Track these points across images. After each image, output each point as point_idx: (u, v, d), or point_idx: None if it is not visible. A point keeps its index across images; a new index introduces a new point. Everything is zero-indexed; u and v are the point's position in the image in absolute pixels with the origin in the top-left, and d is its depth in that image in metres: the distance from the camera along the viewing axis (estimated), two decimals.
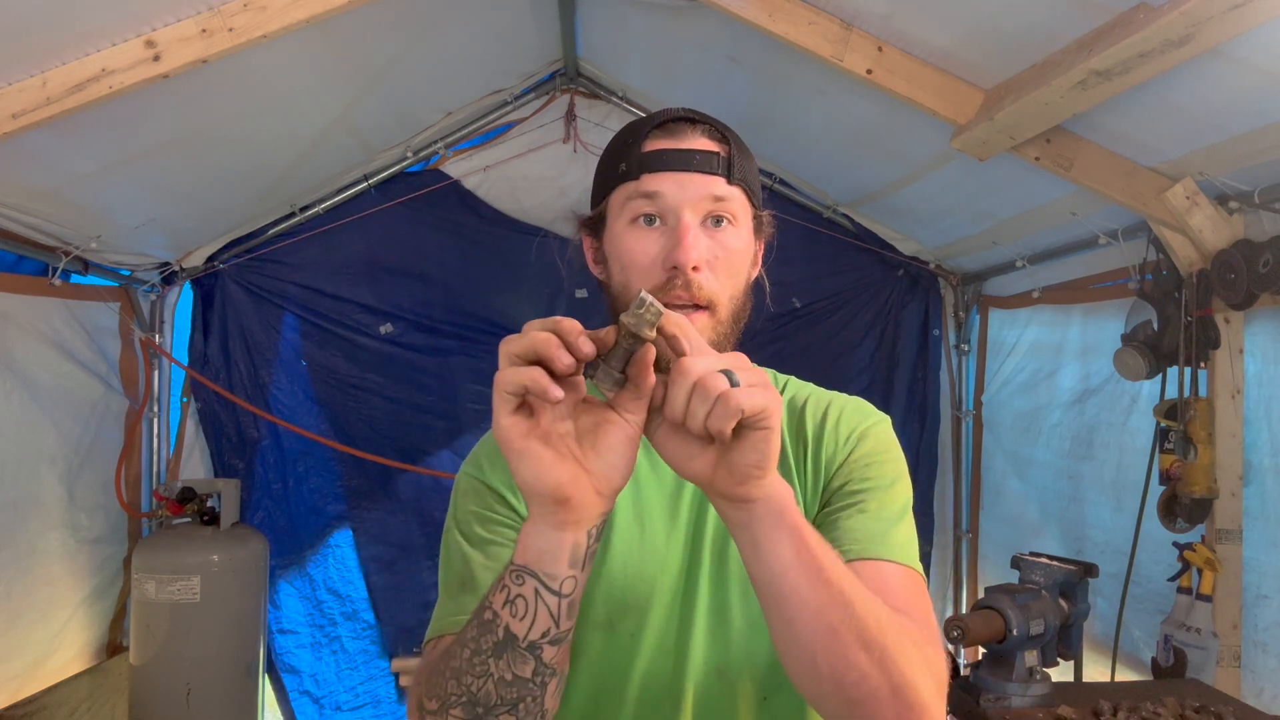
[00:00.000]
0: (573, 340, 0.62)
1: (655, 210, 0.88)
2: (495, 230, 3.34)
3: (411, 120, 3.13)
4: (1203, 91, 1.79)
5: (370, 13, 2.04)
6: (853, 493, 0.90)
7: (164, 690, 2.74)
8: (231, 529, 2.90)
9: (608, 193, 0.93)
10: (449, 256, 3.35)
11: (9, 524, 2.42)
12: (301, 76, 2.38)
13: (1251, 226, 2.11)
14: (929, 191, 2.89)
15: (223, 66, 1.96)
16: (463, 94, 3.12)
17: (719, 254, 0.88)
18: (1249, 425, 2.19)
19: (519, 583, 0.70)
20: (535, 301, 3.32)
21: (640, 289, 0.79)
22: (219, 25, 1.88)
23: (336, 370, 3.31)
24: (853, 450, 0.93)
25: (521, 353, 0.62)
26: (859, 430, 0.95)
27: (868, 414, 0.98)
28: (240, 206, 3.06)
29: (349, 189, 3.24)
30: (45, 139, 1.97)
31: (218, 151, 2.55)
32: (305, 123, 2.70)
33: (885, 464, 0.93)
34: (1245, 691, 2.12)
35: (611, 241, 0.92)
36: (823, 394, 1.02)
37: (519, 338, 0.63)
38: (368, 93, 2.70)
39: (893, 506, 0.90)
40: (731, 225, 0.89)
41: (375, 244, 3.29)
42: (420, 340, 3.34)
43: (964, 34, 2.00)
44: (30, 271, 2.55)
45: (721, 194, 0.88)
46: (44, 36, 1.78)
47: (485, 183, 3.34)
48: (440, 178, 3.31)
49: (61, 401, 2.66)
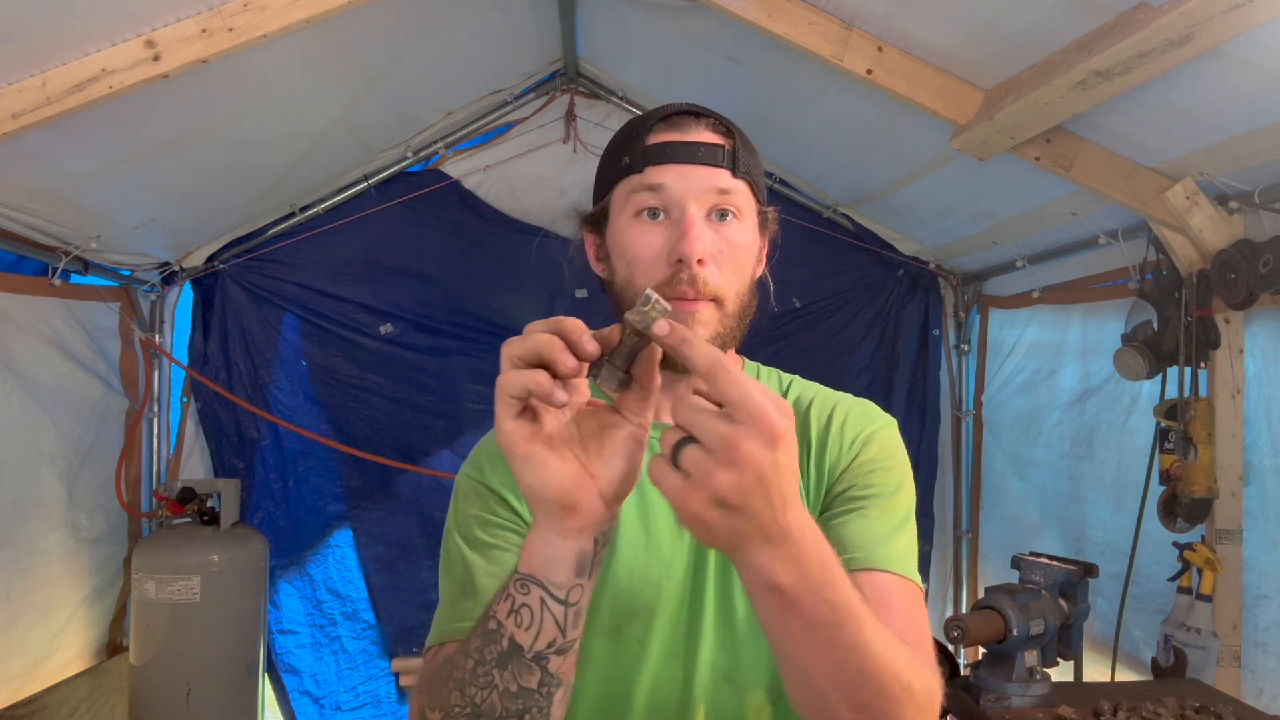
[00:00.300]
0: (576, 340, 0.60)
1: (659, 203, 0.86)
2: (495, 230, 3.34)
3: (411, 120, 3.13)
4: (1203, 91, 1.79)
5: (370, 13, 2.04)
6: (855, 498, 0.89)
7: (164, 690, 2.74)
8: (231, 529, 2.90)
9: (610, 187, 0.91)
10: (449, 256, 3.35)
11: (9, 524, 2.42)
12: (301, 76, 2.38)
13: (1251, 226, 2.10)
14: (929, 191, 2.89)
15: (223, 66, 1.96)
16: (463, 94, 3.12)
17: (724, 248, 0.86)
18: (1249, 425, 2.19)
19: (524, 591, 0.68)
20: (535, 301, 3.32)
21: (645, 285, 0.78)
22: (219, 25, 1.88)
23: (336, 370, 3.31)
24: (857, 455, 0.92)
25: (524, 355, 0.61)
26: (864, 434, 0.93)
27: (874, 417, 0.96)
28: (240, 206, 3.06)
29: (349, 189, 3.24)
30: (45, 139, 1.97)
31: (218, 151, 2.55)
32: (305, 123, 2.70)
33: (889, 470, 0.92)
34: (1245, 692, 2.12)
35: (614, 237, 0.90)
36: (829, 395, 0.99)
37: (521, 340, 0.61)
38: (368, 93, 2.70)
39: (895, 514, 0.88)
40: (736, 219, 0.88)
41: (375, 244, 3.29)
42: (420, 340, 3.34)
43: (964, 34, 2.00)
44: (30, 271, 2.55)
45: (726, 187, 0.86)
46: (44, 36, 1.77)
47: (485, 183, 3.34)
48: (440, 178, 3.31)
49: (61, 401, 2.66)
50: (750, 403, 0.55)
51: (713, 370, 0.56)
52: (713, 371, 0.56)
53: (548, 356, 0.60)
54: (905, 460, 0.95)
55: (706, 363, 0.57)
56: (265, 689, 3.11)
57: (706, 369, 0.56)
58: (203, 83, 2.03)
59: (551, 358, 0.60)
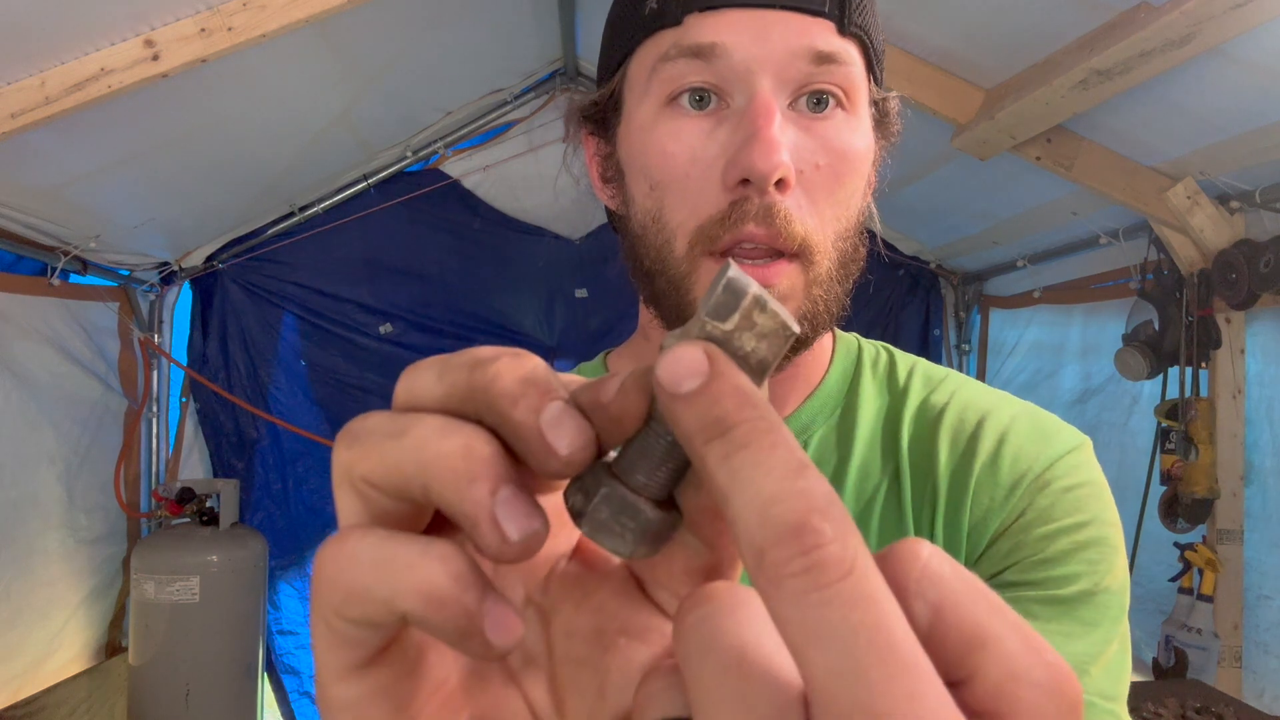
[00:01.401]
0: (530, 430, 0.21)
1: (710, 79, 0.51)
2: (495, 230, 3.33)
3: (411, 120, 3.13)
4: (1204, 91, 1.79)
5: (370, 12, 2.04)
6: (1024, 584, 0.52)
7: (163, 691, 2.74)
8: (231, 529, 2.89)
9: (626, 55, 0.56)
10: (449, 256, 3.34)
11: (9, 524, 2.41)
12: (301, 76, 2.38)
13: (1252, 226, 2.10)
14: (929, 191, 2.89)
15: (222, 66, 1.96)
16: (462, 94, 3.12)
17: (821, 159, 0.52)
18: (1250, 425, 2.19)
19: None
20: (535, 301, 3.32)
21: (682, 224, 0.46)
22: (218, 24, 1.88)
23: (336, 370, 3.31)
24: (1026, 508, 0.54)
25: (387, 476, 0.23)
26: (1035, 471, 0.55)
27: (1050, 437, 0.57)
28: (239, 206, 3.06)
29: (348, 189, 3.24)
30: (44, 139, 1.97)
31: (217, 151, 2.55)
32: (304, 122, 2.69)
33: (1085, 533, 0.54)
34: (1246, 692, 2.11)
35: (632, 139, 0.55)
36: (978, 397, 0.61)
37: (378, 427, 0.23)
38: (367, 92, 2.69)
39: (1097, 612, 0.52)
40: (843, 110, 0.53)
41: (374, 244, 3.29)
42: (420, 340, 3.34)
43: (964, 33, 2.00)
44: (29, 271, 2.55)
45: (827, 50, 0.51)
46: (42, 36, 1.77)
47: (485, 182, 3.34)
48: (440, 177, 3.31)
49: (60, 402, 2.66)
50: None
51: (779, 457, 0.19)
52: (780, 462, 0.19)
53: (450, 495, 0.21)
54: (1113, 511, 0.56)
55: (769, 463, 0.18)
56: (265, 690, 3.11)
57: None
58: (202, 82, 2.03)
59: (458, 498, 0.21)
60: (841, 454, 0.59)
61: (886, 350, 0.66)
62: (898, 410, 0.61)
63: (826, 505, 0.17)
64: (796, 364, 0.61)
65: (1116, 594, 0.53)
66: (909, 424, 0.59)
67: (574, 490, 0.23)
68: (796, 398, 0.62)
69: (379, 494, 0.23)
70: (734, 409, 0.19)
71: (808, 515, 0.17)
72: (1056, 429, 0.58)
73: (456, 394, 0.23)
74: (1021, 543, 0.53)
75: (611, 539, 0.23)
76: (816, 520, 0.17)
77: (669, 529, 0.23)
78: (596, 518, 0.23)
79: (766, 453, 0.18)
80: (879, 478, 0.58)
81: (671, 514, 0.24)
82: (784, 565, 0.17)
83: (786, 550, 0.17)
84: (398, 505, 0.23)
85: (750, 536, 0.18)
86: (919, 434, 0.58)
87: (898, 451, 0.58)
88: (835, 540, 0.17)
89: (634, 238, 0.56)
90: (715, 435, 0.19)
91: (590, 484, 0.23)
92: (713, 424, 0.19)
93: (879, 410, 0.61)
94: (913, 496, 0.56)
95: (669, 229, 0.53)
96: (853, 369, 0.64)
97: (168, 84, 1.93)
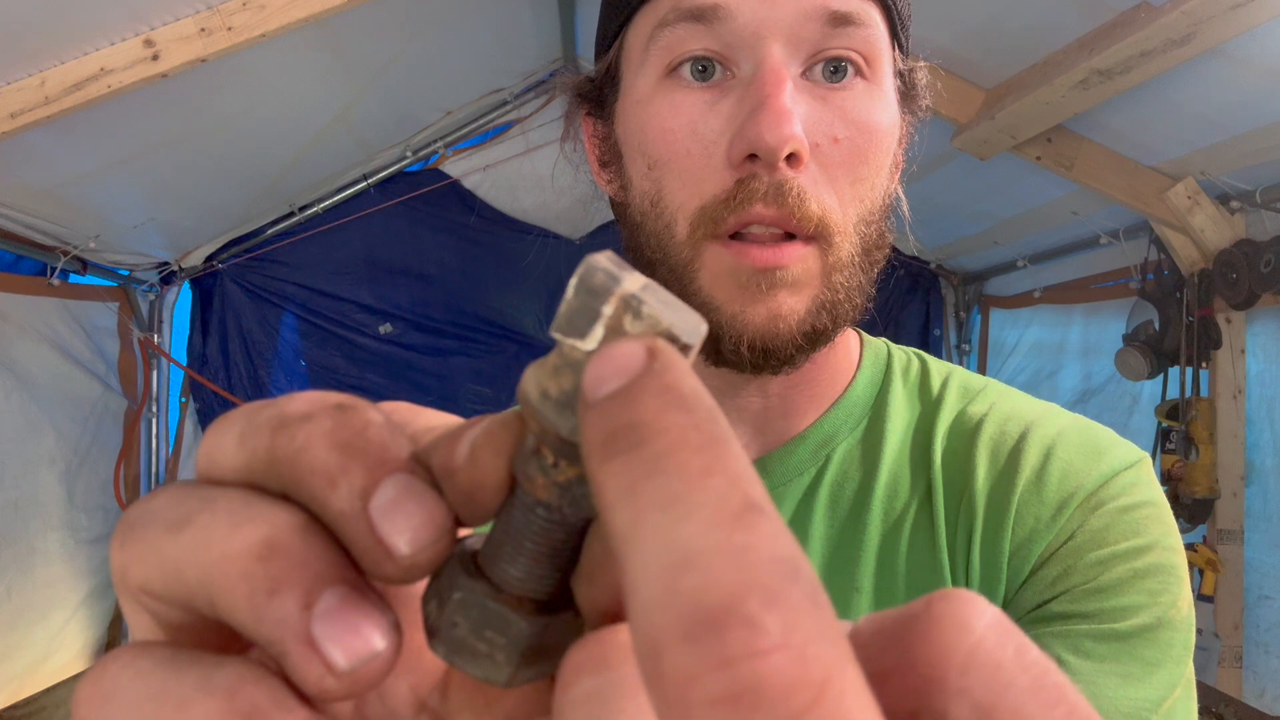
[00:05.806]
0: (361, 523, 0.16)
1: (713, 46, 0.46)
2: (495, 230, 3.33)
3: (411, 120, 3.13)
4: (1204, 91, 1.79)
5: (370, 12, 2.04)
6: (1074, 615, 0.45)
7: None
8: None
9: (624, 23, 0.51)
10: (449, 256, 3.34)
11: (9, 524, 2.41)
12: (300, 76, 2.38)
13: (1253, 226, 2.10)
14: (929, 191, 2.89)
15: (221, 66, 1.96)
16: (462, 93, 3.12)
17: (840, 131, 0.47)
18: (1251, 425, 2.19)
19: None
20: (535, 301, 3.32)
21: (682, 203, 0.42)
22: (218, 24, 1.87)
23: (336, 370, 3.31)
24: (1076, 530, 0.47)
25: (166, 587, 0.17)
26: (1087, 489, 0.48)
27: (1104, 452, 0.50)
28: (239, 206, 3.06)
29: (348, 188, 3.24)
30: (43, 139, 1.97)
31: (216, 151, 2.55)
32: (304, 122, 2.69)
33: (1145, 560, 0.46)
34: (1247, 692, 2.11)
35: (630, 115, 0.50)
36: (1021, 409, 0.54)
37: (158, 515, 0.17)
38: (367, 92, 2.69)
39: (1159, 650, 0.45)
40: (863, 79, 0.48)
41: (374, 244, 3.29)
42: (420, 340, 3.34)
43: (964, 33, 2.00)
44: (28, 271, 2.55)
45: (844, 9, 0.46)
46: (42, 36, 1.77)
47: (485, 182, 3.34)
48: (440, 177, 3.31)
49: (60, 402, 2.66)
50: None
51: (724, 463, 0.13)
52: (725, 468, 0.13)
53: (243, 614, 0.15)
54: (1175, 533, 0.48)
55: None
56: None
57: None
58: (202, 82, 2.03)
59: (254, 618, 0.15)
60: (867, 470, 0.54)
61: (919, 357, 0.61)
62: (930, 422, 0.55)
63: (778, 577, 0.10)
64: (818, 369, 0.55)
65: (1182, 630, 0.46)
66: (943, 437, 0.53)
67: (430, 594, 0.17)
68: (818, 407, 0.56)
69: (164, 606, 0.17)
70: (655, 411, 0.12)
71: (741, 594, 0.10)
72: (1111, 443, 0.52)
73: (258, 464, 0.17)
74: (1072, 568, 0.46)
75: (477, 663, 0.16)
76: (755, 605, 0.10)
77: (561, 639, 0.16)
78: (453, 636, 0.16)
79: (693, 481, 0.11)
80: (909, 497, 0.52)
81: (562, 617, 0.16)
82: (693, 682, 0.10)
83: (698, 654, 0.10)
84: (191, 617, 0.17)
85: (645, 621, 0.11)
86: (954, 448, 0.52)
87: (930, 467, 0.53)
88: (785, 644, 0.10)
89: (633, 225, 0.51)
90: (619, 450, 0.12)
91: (445, 586, 0.16)
92: (621, 433, 0.12)
93: (910, 422, 0.56)
94: (946, 518, 0.50)
95: (669, 212, 0.48)
96: (881, 377, 0.59)
97: (167, 84, 1.93)
